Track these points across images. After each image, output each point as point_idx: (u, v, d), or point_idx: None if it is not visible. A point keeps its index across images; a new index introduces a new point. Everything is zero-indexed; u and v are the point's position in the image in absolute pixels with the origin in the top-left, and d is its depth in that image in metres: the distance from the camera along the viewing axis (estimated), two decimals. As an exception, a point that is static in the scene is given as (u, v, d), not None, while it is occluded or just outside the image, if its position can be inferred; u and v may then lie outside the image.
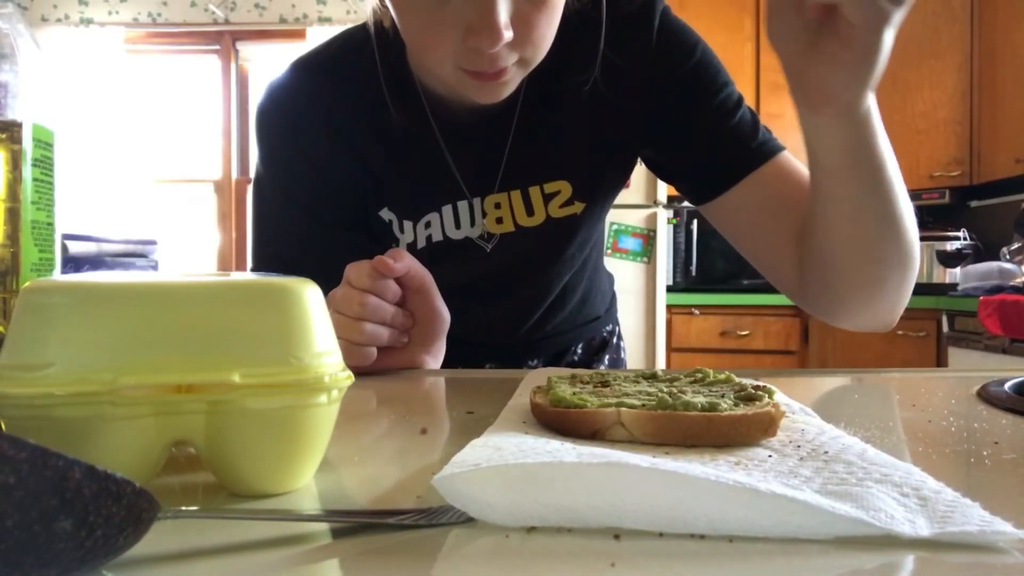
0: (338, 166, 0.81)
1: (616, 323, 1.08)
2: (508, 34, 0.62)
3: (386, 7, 0.76)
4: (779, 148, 0.79)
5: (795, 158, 0.79)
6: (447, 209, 0.83)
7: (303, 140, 0.81)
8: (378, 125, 0.80)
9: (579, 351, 1.01)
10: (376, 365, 0.70)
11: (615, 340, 1.07)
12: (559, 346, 0.98)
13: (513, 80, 0.69)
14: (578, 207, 0.84)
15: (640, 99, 0.80)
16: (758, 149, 0.78)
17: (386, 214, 0.83)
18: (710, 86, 0.79)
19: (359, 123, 0.81)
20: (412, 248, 0.83)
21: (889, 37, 0.52)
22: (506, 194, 0.83)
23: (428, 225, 0.83)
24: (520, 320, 0.92)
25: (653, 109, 0.81)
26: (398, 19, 0.69)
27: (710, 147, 0.80)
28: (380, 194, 0.83)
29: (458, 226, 0.83)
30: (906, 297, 0.74)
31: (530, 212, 0.83)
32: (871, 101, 0.60)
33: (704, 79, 0.79)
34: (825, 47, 0.54)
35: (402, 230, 0.83)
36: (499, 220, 0.83)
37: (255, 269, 0.85)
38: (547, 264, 0.89)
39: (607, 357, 1.04)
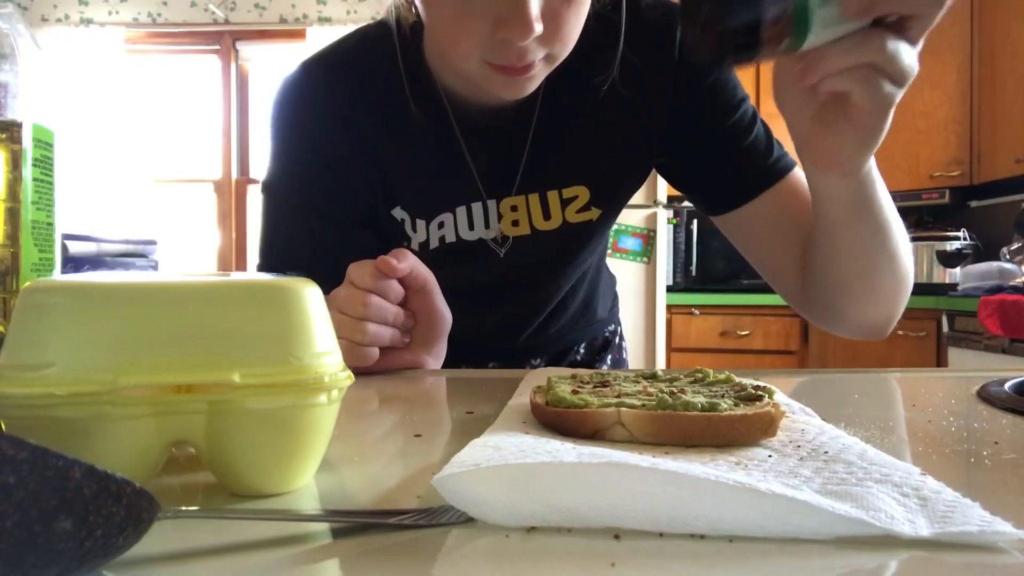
0: (351, 164, 0.81)
1: (618, 323, 1.09)
2: (539, 27, 0.62)
3: (410, 1, 0.76)
4: (791, 165, 0.82)
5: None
6: (461, 210, 0.82)
7: (316, 137, 0.81)
8: (395, 123, 0.80)
9: (581, 351, 1.01)
10: (377, 365, 0.70)
11: (617, 340, 1.07)
12: (561, 346, 0.98)
13: (539, 76, 0.69)
14: (594, 213, 0.84)
15: (660, 108, 0.81)
16: (772, 167, 0.80)
17: (399, 213, 0.83)
18: (729, 103, 0.81)
19: (375, 121, 0.80)
20: (424, 248, 0.83)
21: (892, 112, 0.55)
22: (523, 197, 0.83)
23: (441, 225, 0.83)
24: (524, 324, 0.92)
25: (673, 121, 0.81)
26: (425, 10, 0.69)
27: (726, 165, 0.81)
28: (393, 193, 0.82)
29: (472, 227, 0.83)
30: (900, 313, 0.78)
31: (547, 216, 0.83)
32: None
33: (724, 96, 0.81)
34: (831, 118, 0.57)
35: (415, 229, 0.83)
36: (515, 223, 0.83)
37: (261, 268, 0.85)
38: (558, 269, 0.89)
39: (609, 357, 1.04)
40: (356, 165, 0.81)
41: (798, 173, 0.82)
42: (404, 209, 0.82)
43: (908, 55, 0.51)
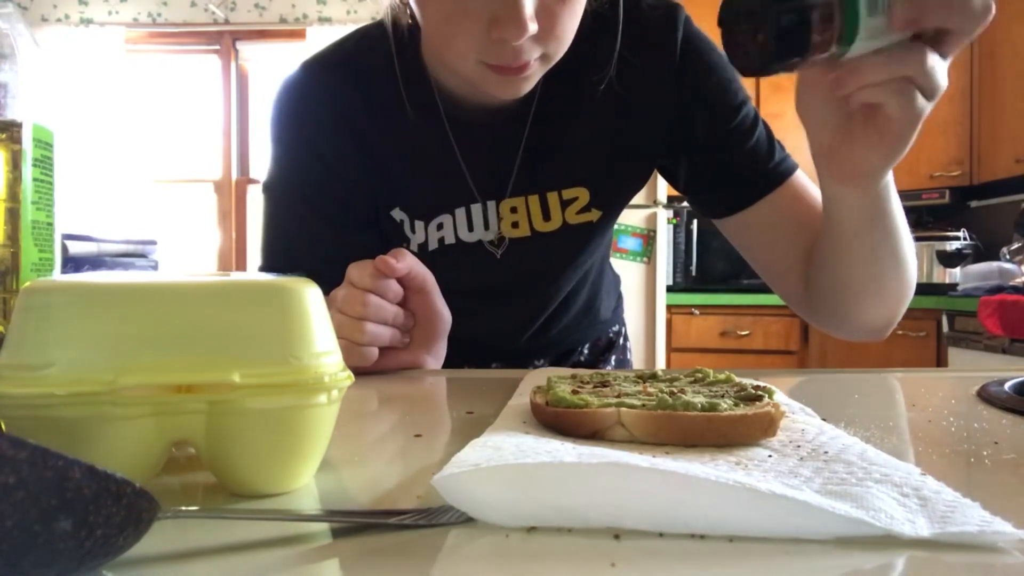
0: (350, 165, 0.81)
1: (622, 323, 1.08)
2: (533, 27, 0.62)
3: (405, 2, 0.76)
4: (793, 168, 0.81)
5: (806, 177, 0.81)
6: (460, 212, 0.82)
7: (315, 137, 0.81)
8: (392, 124, 0.80)
9: (585, 351, 1.01)
10: (377, 365, 0.70)
11: (621, 341, 1.06)
12: (564, 347, 0.98)
13: (534, 75, 0.69)
14: (595, 214, 0.84)
15: (660, 110, 0.80)
16: (774, 171, 0.80)
17: (397, 214, 0.83)
18: (730, 105, 0.80)
19: (373, 121, 0.80)
20: (423, 249, 0.83)
21: (920, 124, 0.55)
22: (523, 198, 0.82)
23: (440, 227, 0.83)
24: (525, 325, 0.92)
25: (673, 123, 0.81)
26: (420, 11, 0.68)
27: (728, 168, 0.81)
28: (391, 194, 0.82)
29: (471, 229, 0.83)
30: (902, 315, 0.79)
31: (547, 217, 0.83)
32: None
33: (725, 99, 0.80)
34: (857, 129, 0.56)
35: (413, 230, 0.83)
36: (515, 224, 0.83)
37: (263, 268, 0.85)
38: (558, 270, 0.89)
39: (613, 358, 1.03)
40: (355, 165, 0.81)
41: (800, 176, 0.81)
42: (402, 210, 0.82)
43: (942, 70, 0.52)
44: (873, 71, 0.51)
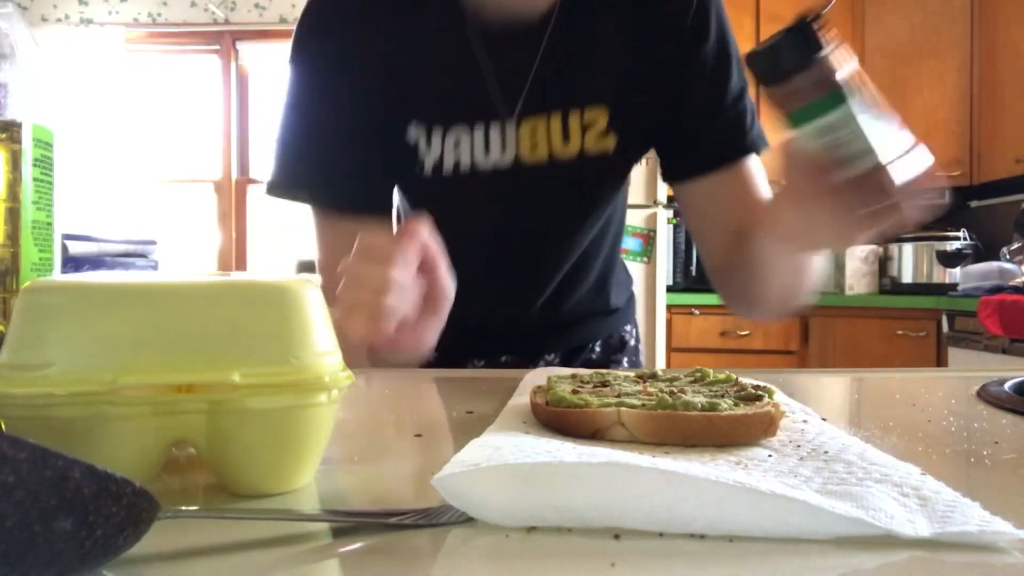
0: (371, 72, 0.81)
1: (635, 324, 1.07)
2: None
3: None
4: (766, 144, 0.85)
5: (762, 167, 0.86)
6: (479, 131, 0.82)
7: (339, 46, 0.81)
8: (412, 28, 0.80)
9: (597, 348, 1.00)
10: (384, 344, 0.68)
11: (633, 342, 1.05)
12: (576, 340, 0.97)
13: None
14: (611, 141, 0.83)
15: (669, 54, 0.82)
16: (750, 138, 0.83)
17: (412, 132, 0.82)
18: (725, 76, 0.82)
19: (393, 25, 0.81)
20: (438, 172, 0.82)
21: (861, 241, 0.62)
22: (544, 118, 0.82)
23: (457, 144, 0.82)
24: (535, 288, 0.91)
25: (676, 74, 0.83)
26: None
27: (712, 123, 0.83)
28: (408, 104, 0.82)
29: (488, 150, 0.82)
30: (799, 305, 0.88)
31: (566, 138, 0.83)
32: None
33: (725, 56, 0.83)
34: (824, 217, 0.61)
35: (429, 145, 0.82)
36: (533, 147, 0.83)
37: (272, 184, 0.84)
38: (570, 217, 0.88)
39: (626, 359, 1.02)
40: (376, 73, 0.81)
41: (756, 162, 0.85)
42: (419, 124, 0.82)
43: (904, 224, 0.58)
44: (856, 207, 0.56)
